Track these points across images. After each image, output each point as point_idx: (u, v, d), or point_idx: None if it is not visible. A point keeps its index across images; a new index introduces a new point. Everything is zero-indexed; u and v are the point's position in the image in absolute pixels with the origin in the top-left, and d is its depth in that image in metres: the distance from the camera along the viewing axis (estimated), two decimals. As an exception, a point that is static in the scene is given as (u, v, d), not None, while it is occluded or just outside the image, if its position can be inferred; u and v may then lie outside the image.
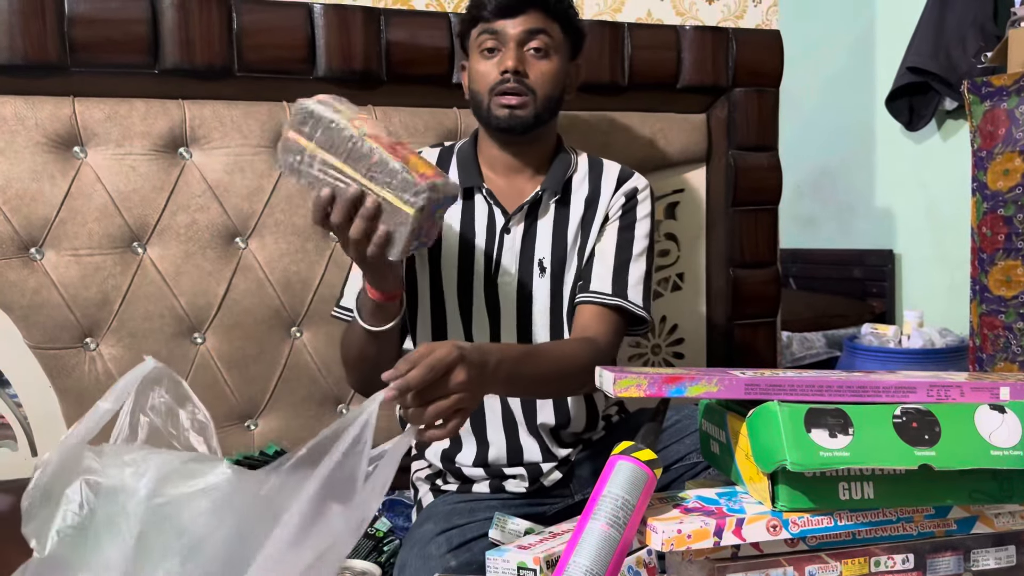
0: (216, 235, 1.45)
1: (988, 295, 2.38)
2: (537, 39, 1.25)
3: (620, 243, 1.31)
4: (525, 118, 1.25)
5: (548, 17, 1.26)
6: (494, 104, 1.26)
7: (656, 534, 0.84)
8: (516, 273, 1.30)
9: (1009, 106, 2.29)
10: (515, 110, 1.25)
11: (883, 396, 0.89)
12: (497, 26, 1.25)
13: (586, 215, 1.33)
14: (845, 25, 3.58)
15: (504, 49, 1.25)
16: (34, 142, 1.35)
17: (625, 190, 1.34)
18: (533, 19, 1.25)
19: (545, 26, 1.25)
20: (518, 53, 1.25)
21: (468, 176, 1.32)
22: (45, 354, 1.38)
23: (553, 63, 1.27)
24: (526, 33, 1.24)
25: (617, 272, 1.29)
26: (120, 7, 1.37)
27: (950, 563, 0.91)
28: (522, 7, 1.25)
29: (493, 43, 1.25)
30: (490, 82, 1.26)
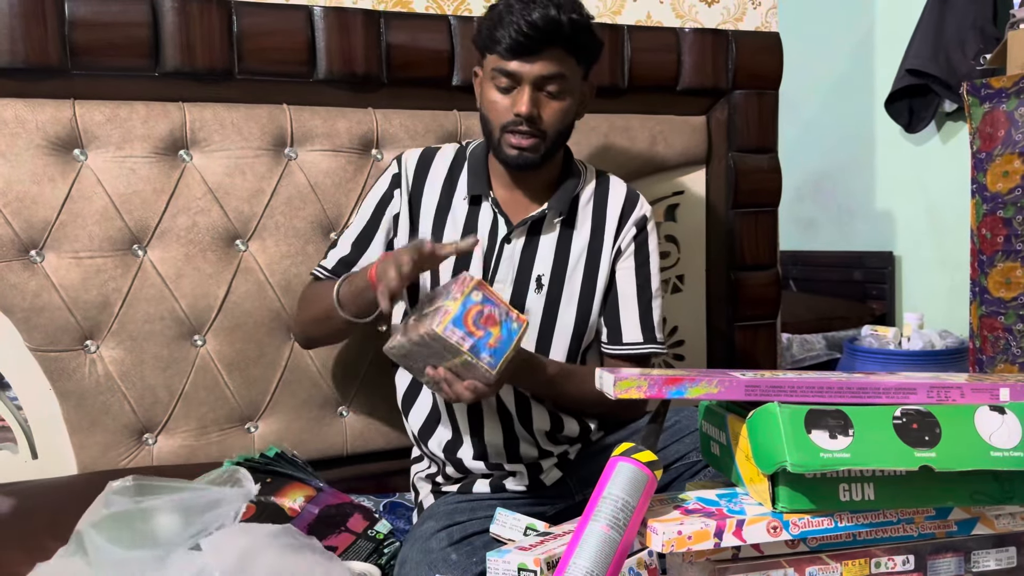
0: (216, 237, 1.45)
1: (988, 297, 2.38)
2: (554, 83, 1.22)
3: (640, 284, 1.35)
4: (534, 158, 1.25)
5: (565, 53, 1.21)
6: (504, 141, 1.24)
7: (656, 535, 0.84)
8: (511, 285, 1.30)
9: (1008, 108, 2.30)
10: (525, 152, 1.24)
11: (883, 397, 0.89)
12: (511, 68, 1.20)
13: (593, 243, 1.33)
14: (844, 27, 3.59)
15: (518, 89, 1.21)
16: (35, 145, 1.35)
17: (635, 220, 1.35)
18: (551, 61, 1.20)
19: (562, 68, 1.21)
20: (533, 96, 1.21)
21: (477, 183, 1.32)
22: (45, 357, 1.38)
23: (568, 101, 1.25)
24: (542, 79, 1.21)
25: (643, 318, 1.34)
26: (120, 10, 1.38)
27: (951, 564, 0.91)
28: (539, 48, 1.19)
29: (507, 82, 1.22)
30: (502, 119, 1.24)
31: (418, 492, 1.38)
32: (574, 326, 1.32)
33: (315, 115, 1.51)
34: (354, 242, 1.34)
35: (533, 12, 1.17)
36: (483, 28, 1.23)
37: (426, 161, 1.35)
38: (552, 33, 1.18)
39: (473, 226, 1.31)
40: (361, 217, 1.36)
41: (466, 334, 1.06)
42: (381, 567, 1.25)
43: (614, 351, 1.34)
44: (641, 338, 1.34)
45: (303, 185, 1.49)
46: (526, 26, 1.17)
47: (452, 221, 1.32)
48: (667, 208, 1.81)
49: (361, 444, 1.56)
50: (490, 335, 1.07)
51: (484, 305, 1.07)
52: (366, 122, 1.53)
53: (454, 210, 1.33)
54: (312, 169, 1.50)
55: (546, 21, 1.17)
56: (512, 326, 1.08)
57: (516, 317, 1.09)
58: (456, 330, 1.06)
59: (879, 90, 3.41)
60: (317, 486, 1.32)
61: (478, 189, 1.31)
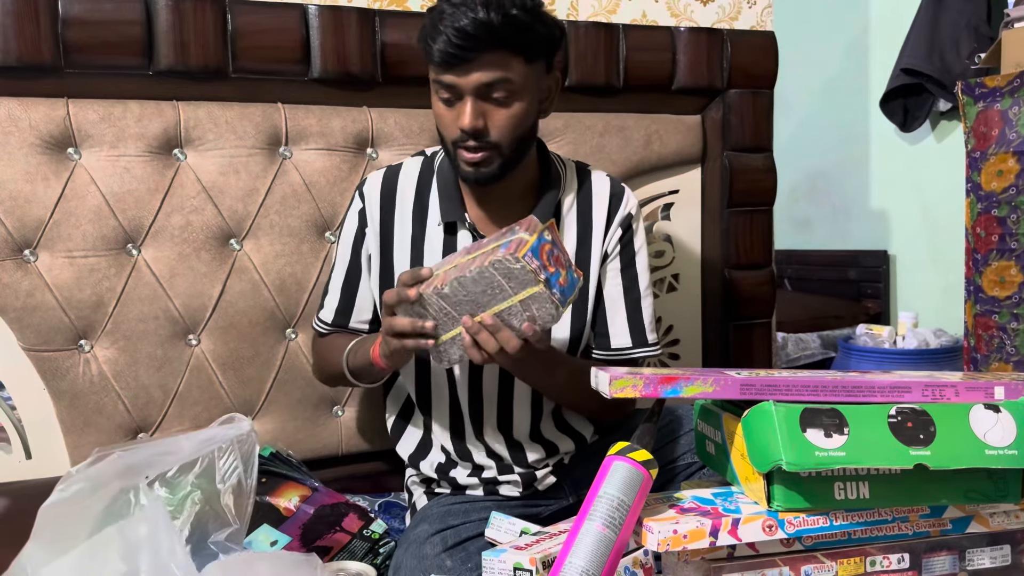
0: (211, 237, 1.45)
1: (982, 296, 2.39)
2: (498, 89, 1.11)
3: (627, 285, 1.29)
4: (491, 172, 1.16)
5: (507, 55, 1.10)
6: (458, 157, 1.16)
7: (652, 534, 0.84)
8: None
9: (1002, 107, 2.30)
10: (480, 167, 1.15)
11: (878, 396, 0.89)
12: (447, 80, 1.11)
13: (580, 252, 1.27)
14: (839, 27, 3.59)
15: (460, 101, 1.12)
16: (28, 143, 1.35)
17: (620, 220, 1.28)
18: (488, 67, 1.09)
19: (503, 72, 1.10)
20: (476, 108, 1.11)
21: (451, 207, 1.24)
22: (39, 356, 1.37)
23: (518, 106, 1.13)
24: (483, 87, 1.10)
25: (632, 319, 1.29)
26: (114, 9, 1.37)
27: (945, 563, 0.91)
28: (472, 57, 1.08)
29: (448, 95, 1.13)
30: (450, 135, 1.15)
31: (412, 493, 1.38)
32: (569, 340, 1.27)
33: (310, 114, 1.50)
34: (342, 287, 1.30)
35: (461, 19, 1.07)
36: (420, 36, 1.14)
37: (390, 188, 1.27)
38: (484, 38, 1.07)
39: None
40: (341, 259, 1.31)
41: (543, 265, 1.00)
42: (376, 567, 1.25)
43: (602, 356, 1.30)
44: (630, 342, 1.29)
45: (298, 184, 1.49)
46: (455, 35, 1.07)
47: (429, 251, 1.25)
48: (662, 207, 1.81)
49: (356, 444, 1.56)
50: (559, 275, 1.02)
51: (554, 247, 1.03)
52: (361, 121, 1.53)
53: (429, 239, 1.25)
54: (307, 168, 1.50)
55: (476, 26, 1.06)
56: (573, 275, 1.04)
57: (575, 269, 1.05)
58: (534, 259, 1.00)
59: (874, 89, 3.41)
60: (312, 486, 1.32)
61: (452, 215, 1.23)
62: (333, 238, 1.52)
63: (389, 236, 1.26)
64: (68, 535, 0.87)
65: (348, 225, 1.31)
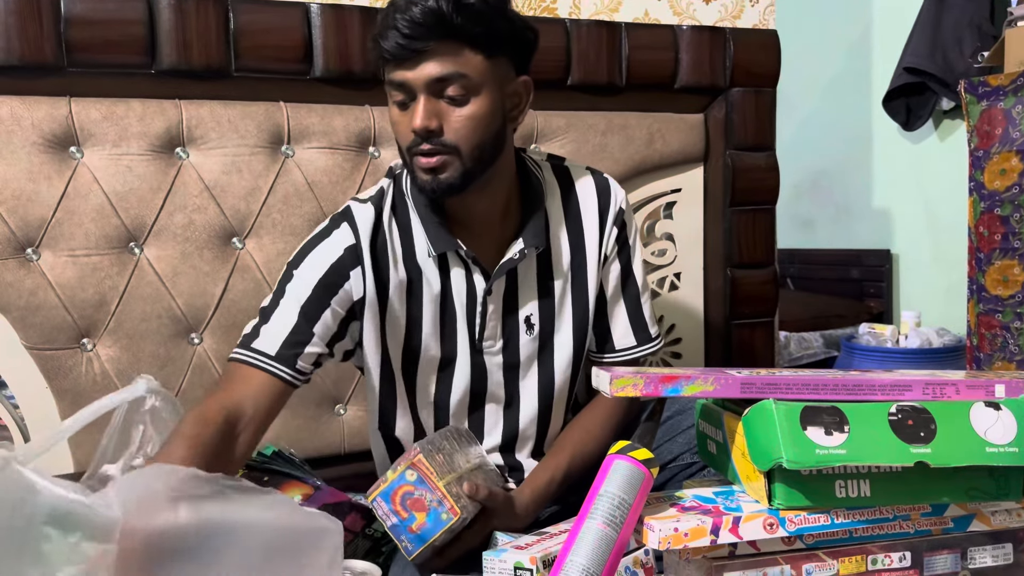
0: (213, 235, 1.45)
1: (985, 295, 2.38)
2: (450, 86, 1.03)
3: (627, 284, 1.26)
4: (451, 180, 1.06)
5: (461, 48, 1.02)
6: (415, 167, 1.07)
7: (653, 532, 0.84)
8: (501, 336, 1.20)
9: (1006, 106, 2.30)
10: (437, 173, 1.06)
11: (878, 394, 0.89)
12: (397, 77, 1.03)
13: (575, 260, 1.22)
14: (842, 25, 3.59)
15: (414, 102, 1.04)
16: (30, 142, 1.35)
17: (614, 218, 1.23)
18: (440, 61, 1.02)
19: (457, 67, 1.02)
20: (428, 107, 1.03)
21: (439, 237, 1.14)
22: (42, 355, 1.38)
23: (476, 105, 1.05)
24: (433, 81, 1.02)
25: (634, 319, 1.27)
26: (116, 8, 1.37)
27: (947, 561, 0.91)
28: (422, 47, 1.01)
29: (402, 96, 1.05)
30: (405, 140, 1.07)
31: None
32: (572, 351, 1.24)
33: (312, 112, 1.50)
34: (300, 317, 1.11)
35: (413, 7, 1.00)
36: (371, 39, 1.07)
37: (379, 222, 1.16)
38: (434, 26, 1.00)
39: (448, 287, 1.18)
40: (300, 285, 1.12)
41: (390, 511, 1.04)
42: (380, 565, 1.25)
43: (607, 359, 1.29)
44: (634, 341, 1.28)
45: (300, 183, 1.49)
46: (404, 25, 1.00)
47: (427, 287, 1.17)
48: (664, 206, 1.81)
49: (359, 442, 1.56)
50: (414, 520, 1.04)
51: (416, 487, 1.03)
52: (363, 119, 1.53)
53: (425, 273, 1.17)
54: (309, 167, 1.50)
55: (425, 14, 0.99)
56: (441, 516, 1.03)
57: (449, 508, 1.03)
58: (383, 505, 1.05)
59: (876, 88, 3.41)
60: (315, 484, 1.32)
61: (443, 245, 1.14)
62: (335, 237, 1.52)
63: (384, 278, 1.16)
64: None
65: (325, 256, 1.14)
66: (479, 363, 1.22)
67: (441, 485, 1.03)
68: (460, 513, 1.04)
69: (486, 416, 1.26)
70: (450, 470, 1.06)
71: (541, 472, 1.20)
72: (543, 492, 1.18)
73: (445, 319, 1.19)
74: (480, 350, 1.21)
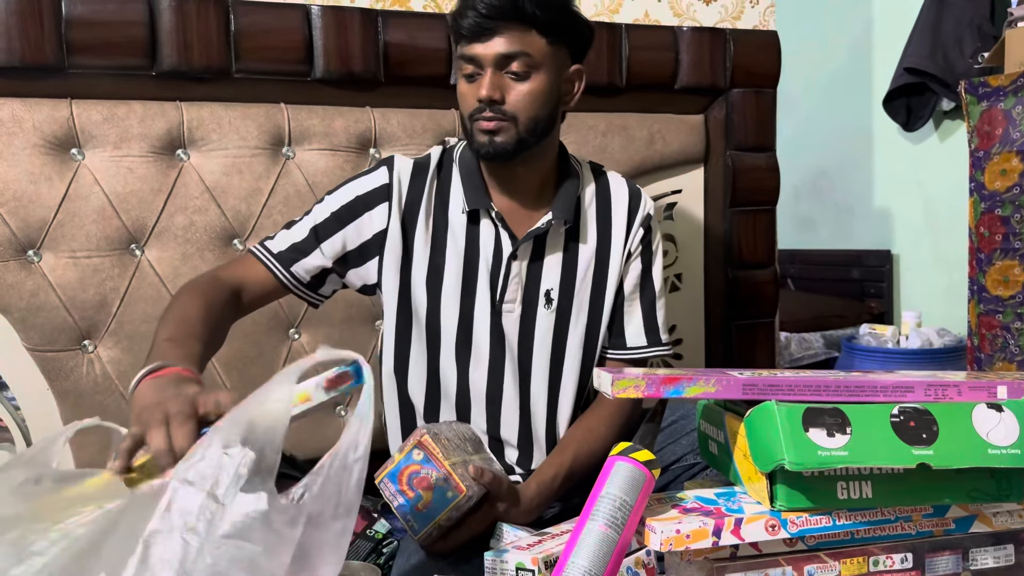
0: (214, 237, 1.45)
1: (986, 295, 2.38)
2: (515, 62, 1.16)
3: (645, 287, 1.33)
4: (505, 144, 1.18)
5: (528, 30, 1.16)
6: (475, 130, 1.19)
7: (655, 534, 0.84)
8: (520, 303, 1.26)
9: (1006, 106, 2.30)
10: (494, 136, 1.18)
11: (880, 396, 0.89)
12: (469, 52, 1.17)
13: (600, 249, 1.30)
14: (842, 26, 3.59)
15: (482, 74, 1.17)
16: (31, 144, 1.35)
17: (642, 220, 1.32)
18: (509, 39, 1.15)
19: (522, 46, 1.15)
20: (494, 79, 1.16)
21: (475, 195, 1.24)
22: (43, 356, 1.38)
23: (536, 82, 1.17)
24: (501, 57, 1.15)
25: (647, 320, 1.33)
26: (117, 9, 1.37)
27: (949, 562, 0.91)
28: (494, 28, 1.15)
29: (471, 68, 1.18)
30: (469, 108, 1.19)
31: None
32: (585, 337, 1.29)
33: (312, 114, 1.50)
34: (312, 232, 1.23)
35: None
36: (450, 18, 1.20)
37: (420, 173, 1.26)
38: (507, 9, 1.14)
39: (475, 244, 1.25)
40: (325, 207, 1.24)
41: (397, 492, 1.06)
42: (380, 567, 1.25)
43: (617, 355, 1.33)
44: (645, 341, 1.32)
45: (301, 184, 1.49)
46: (482, 6, 1.14)
47: (452, 240, 1.25)
48: (665, 206, 1.81)
49: (363, 444, 1.56)
50: (420, 499, 1.05)
51: (422, 467, 1.05)
52: (364, 121, 1.53)
53: (452, 227, 1.25)
54: (310, 168, 1.50)
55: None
56: (447, 493, 1.05)
57: (455, 485, 1.04)
58: (390, 485, 1.06)
59: (877, 89, 3.41)
60: (315, 486, 1.32)
61: (476, 203, 1.24)
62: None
63: (412, 222, 1.24)
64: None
65: (357, 186, 1.24)
66: (497, 324, 1.26)
67: (447, 464, 1.05)
68: (465, 491, 1.05)
69: (504, 388, 1.28)
70: (456, 452, 1.08)
71: (547, 468, 1.23)
72: (548, 486, 1.21)
73: (467, 274, 1.25)
74: (499, 311, 1.26)
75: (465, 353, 1.26)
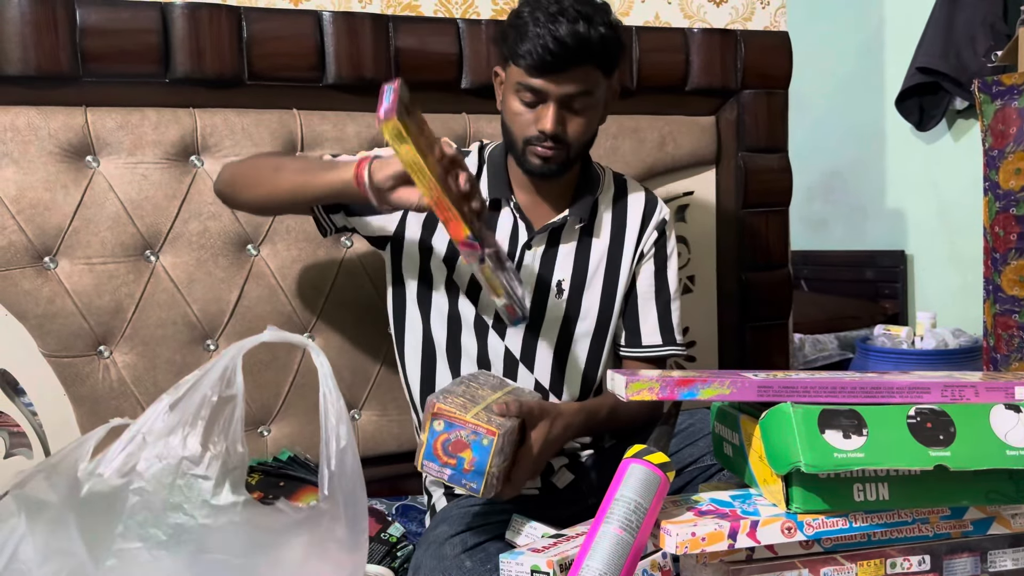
0: (228, 242, 1.46)
1: (1001, 295, 2.37)
2: (580, 100, 1.18)
3: (659, 286, 1.35)
4: (556, 168, 1.23)
5: (594, 69, 1.17)
6: (528, 152, 1.22)
7: (670, 537, 0.83)
8: (531, 292, 1.30)
9: (1020, 105, 2.28)
10: (548, 162, 1.21)
11: (897, 397, 0.88)
12: (537, 84, 1.16)
13: (613, 248, 1.33)
14: (854, 26, 3.57)
15: (543, 106, 1.18)
16: (47, 152, 1.36)
17: (656, 224, 1.35)
18: (578, 80, 1.16)
19: (587, 85, 1.17)
20: (558, 115, 1.17)
21: (498, 187, 1.29)
22: (59, 362, 1.39)
23: (593, 113, 1.22)
24: (569, 97, 1.17)
25: (662, 319, 1.35)
26: (131, 17, 1.39)
27: (967, 564, 0.91)
28: (566, 67, 1.14)
29: (532, 97, 1.18)
30: (525, 133, 1.21)
31: (431, 495, 1.38)
32: (594, 331, 1.33)
33: (324, 120, 1.51)
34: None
35: (560, 27, 1.11)
36: (508, 37, 1.18)
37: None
38: (580, 52, 1.13)
39: (494, 230, 1.29)
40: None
41: (441, 466, 1.06)
42: (394, 570, 1.25)
43: (632, 353, 1.36)
44: (660, 340, 1.35)
45: (313, 189, 1.50)
46: (553, 43, 1.11)
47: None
48: (677, 208, 1.81)
49: (373, 447, 1.56)
50: (463, 460, 1.05)
51: (449, 432, 1.05)
52: (376, 126, 1.53)
53: None
54: (322, 173, 1.50)
55: (575, 38, 1.12)
56: (483, 443, 1.04)
57: (486, 432, 1.04)
58: (432, 464, 1.06)
59: (889, 88, 3.39)
60: (330, 489, 1.33)
61: (498, 193, 1.29)
62: (349, 243, 1.52)
63: None
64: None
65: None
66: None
67: (468, 418, 1.05)
68: (497, 431, 1.04)
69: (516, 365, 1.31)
70: (472, 403, 1.08)
71: (593, 401, 1.29)
72: (593, 410, 1.24)
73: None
74: None
75: (482, 333, 1.30)
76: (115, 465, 0.81)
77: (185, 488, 0.81)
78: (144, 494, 0.80)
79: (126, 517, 0.78)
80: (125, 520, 0.78)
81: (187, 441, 0.82)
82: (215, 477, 0.82)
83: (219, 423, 0.83)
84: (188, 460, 0.81)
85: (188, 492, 0.81)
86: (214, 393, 0.84)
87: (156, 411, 0.83)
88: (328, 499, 0.87)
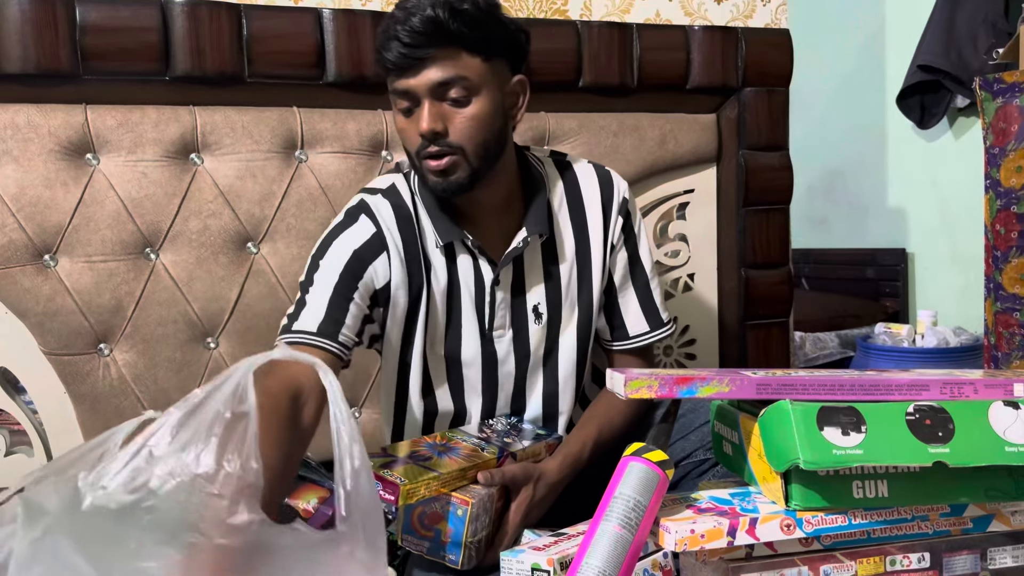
0: (228, 240, 1.46)
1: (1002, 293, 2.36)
2: (452, 89, 1.08)
3: (635, 272, 1.30)
4: (459, 181, 1.11)
5: (460, 52, 1.07)
6: (424, 169, 1.12)
7: (669, 534, 0.83)
8: (510, 325, 1.24)
9: (1021, 103, 2.28)
10: (447, 175, 1.11)
11: (896, 394, 0.88)
12: (401, 86, 1.09)
13: (580, 248, 1.25)
14: (855, 24, 3.57)
15: (419, 108, 1.09)
16: (47, 150, 1.36)
17: (618, 208, 1.27)
18: (441, 66, 1.07)
19: (457, 70, 1.07)
20: (432, 110, 1.08)
21: (446, 228, 1.18)
22: (60, 360, 1.39)
23: (478, 105, 1.10)
24: (436, 86, 1.07)
25: (645, 305, 1.31)
26: (131, 15, 1.39)
27: (966, 562, 0.91)
28: (424, 57, 1.06)
29: (406, 103, 1.10)
30: (413, 145, 1.12)
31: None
32: (577, 339, 1.28)
33: (325, 117, 1.51)
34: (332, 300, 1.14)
35: (413, 19, 1.05)
36: (375, 51, 1.12)
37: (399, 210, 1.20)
38: (435, 35, 1.05)
39: (455, 278, 1.21)
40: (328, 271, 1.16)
41: (419, 539, 1.05)
42: (395, 568, 1.25)
43: (622, 347, 1.32)
44: (647, 327, 1.31)
45: (313, 187, 1.50)
46: (406, 35, 1.05)
47: (435, 278, 1.20)
48: (677, 206, 1.81)
49: (374, 445, 1.56)
50: (440, 532, 1.04)
51: (422, 505, 1.04)
52: (376, 124, 1.54)
53: (434, 265, 1.20)
54: (322, 171, 1.50)
55: (425, 23, 1.05)
56: (457, 513, 1.03)
57: (459, 501, 1.03)
58: (410, 537, 1.06)
59: (890, 86, 3.39)
60: (331, 487, 1.33)
61: (450, 235, 1.18)
62: (349, 241, 1.52)
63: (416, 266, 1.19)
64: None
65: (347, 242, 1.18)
66: (490, 352, 1.24)
67: (437, 488, 1.04)
68: (471, 500, 1.03)
69: (497, 407, 1.29)
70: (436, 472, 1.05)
71: (573, 442, 1.22)
72: (576, 456, 1.20)
73: (452, 309, 1.22)
74: (491, 339, 1.24)
75: (457, 388, 1.27)
76: (121, 479, 0.80)
77: (200, 507, 0.81)
78: (157, 512, 0.79)
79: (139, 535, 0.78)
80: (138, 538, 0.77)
81: (201, 458, 0.81)
82: (230, 495, 0.81)
83: (232, 440, 0.82)
84: (202, 478, 0.81)
85: (203, 511, 0.80)
86: (226, 409, 0.83)
87: (163, 425, 0.82)
88: (346, 520, 0.87)
